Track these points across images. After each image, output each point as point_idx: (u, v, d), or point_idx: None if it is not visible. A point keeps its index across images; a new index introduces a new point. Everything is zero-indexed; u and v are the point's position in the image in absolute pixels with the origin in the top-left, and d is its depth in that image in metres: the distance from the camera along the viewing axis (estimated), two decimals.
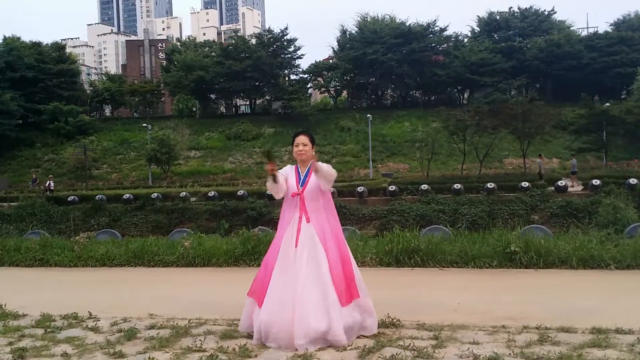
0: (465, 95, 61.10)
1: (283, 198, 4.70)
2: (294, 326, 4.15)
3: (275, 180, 4.49)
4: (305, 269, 4.32)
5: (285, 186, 4.56)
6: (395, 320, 4.85)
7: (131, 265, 9.06)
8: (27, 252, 9.75)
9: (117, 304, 6.14)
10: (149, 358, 4.05)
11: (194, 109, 62.56)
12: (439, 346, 4.18)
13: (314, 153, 4.68)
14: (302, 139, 4.64)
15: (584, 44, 54.21)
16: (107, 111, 70.83)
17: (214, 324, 5.03)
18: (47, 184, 38.38)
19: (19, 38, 60.16)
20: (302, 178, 4.58)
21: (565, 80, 54.13)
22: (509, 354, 3.95)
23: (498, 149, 40.63)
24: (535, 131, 36.94)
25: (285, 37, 59.46)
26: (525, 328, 4.62)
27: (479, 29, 65.23)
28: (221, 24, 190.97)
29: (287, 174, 4.64)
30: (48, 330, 5.00)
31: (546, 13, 64.26)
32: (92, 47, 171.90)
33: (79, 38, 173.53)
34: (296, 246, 4.40)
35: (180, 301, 6.20)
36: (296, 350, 4.11)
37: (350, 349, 4.16)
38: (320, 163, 4.47)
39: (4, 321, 5.37)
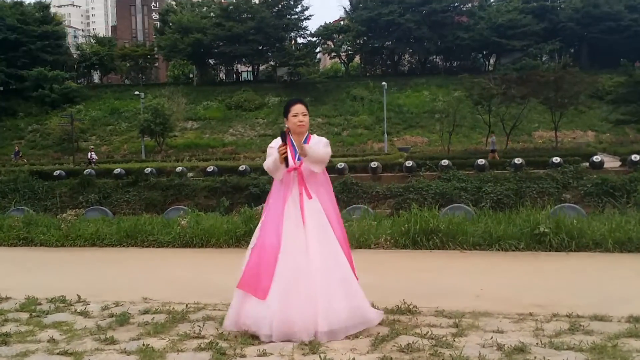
0: (491, 61, 60.75)
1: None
2: (318, 317, 4.09)
3: (286, 163, 4.43)
4: (320, 250, 4.27)
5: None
6: (411, 306, 4.85)
7: (123, 246, 9.11)
8: (9, 231, 9.82)
9: (109, 287, 6.19)
10: (143, 345, 4.07)
11: (191, 75, 62.51)
12: (459, 335, 4.19)
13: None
14: (301, 108, 4.52)
15: (625, 3, 53.50)
16: (96, 77, 70.95)
17: (214, 309, 5.06)
18: (89, 155, 38.62)
19: None
20: (298, 151, 4.46)
21: (603, 44, 53.59)
22: (537, 344, 3.94)
23: (527, 121, 40.42)
24: (568, 101, 36.74)
25: None
26: (555, 316, 4.62)
27: None
28: None
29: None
30: (33, 314, 5.04)
31: None
32: (79, 7, 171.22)
33: None
34: (304, 224, 4.35)
35: (177, 284, 6.24)
36: (319, 341, 4.04)
37: (362, 338, 4.16)
38: (306, 146, 4.36)
39: None
